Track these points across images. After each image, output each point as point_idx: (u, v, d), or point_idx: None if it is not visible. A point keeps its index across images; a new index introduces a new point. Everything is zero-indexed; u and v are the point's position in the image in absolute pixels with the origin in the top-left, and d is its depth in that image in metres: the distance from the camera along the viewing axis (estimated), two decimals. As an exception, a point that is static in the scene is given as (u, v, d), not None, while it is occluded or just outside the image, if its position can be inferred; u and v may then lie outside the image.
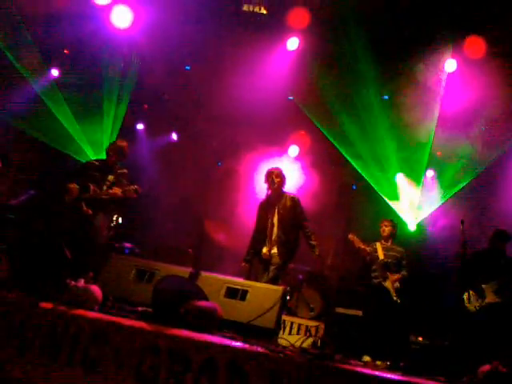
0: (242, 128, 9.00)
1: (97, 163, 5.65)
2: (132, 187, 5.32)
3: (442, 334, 6.19)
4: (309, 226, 5.70)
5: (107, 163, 5.62)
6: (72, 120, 8.98)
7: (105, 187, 5.41)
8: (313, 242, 5.61)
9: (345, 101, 8.20)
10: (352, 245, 6.24)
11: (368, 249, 6.15)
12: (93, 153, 9.19)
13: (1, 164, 6.72)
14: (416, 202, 8.83)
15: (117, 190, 5.30)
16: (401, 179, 8.84)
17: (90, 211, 5.29)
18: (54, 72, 8.71)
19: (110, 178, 5.49)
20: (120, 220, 5.72)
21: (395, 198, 8.92)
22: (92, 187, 5.37)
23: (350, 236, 6.22)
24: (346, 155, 8.82)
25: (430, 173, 8.95)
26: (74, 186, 5.28)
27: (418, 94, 7.68)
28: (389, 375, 2.74)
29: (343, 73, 7.89)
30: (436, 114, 7.74)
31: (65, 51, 8.39)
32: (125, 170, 5.66)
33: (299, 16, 7.25)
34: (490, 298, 5.74)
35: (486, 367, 3.50)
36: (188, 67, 8.76)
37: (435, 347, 5.87)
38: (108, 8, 7.39)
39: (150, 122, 9.93)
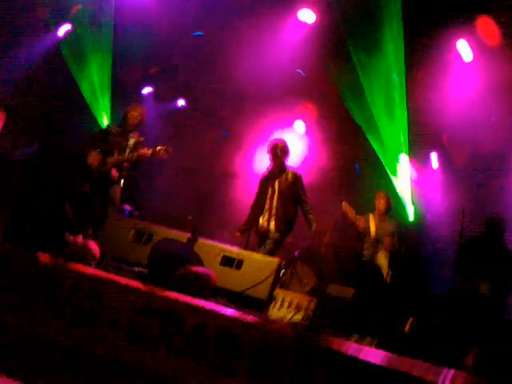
0: (249, 99, 8.92)
1: (116, 129, 5.68)
2: (162, 147, 5.33)
3: (434, 316, 6.25)
4: (307, 202, 5.70)
5: (127, 128, 5.63)
6: (80, 77, 8.93)
7: (128, 151, 5.45)
8: (310, 218, 5.63)
9: (354, 79, 8.10)
10: (345, 214, 6.18)
11: (360, 220, 6.09)
12: (98, 116, 9.17)
13: (5, 115, 6.71)
14: (416, 188, 8.77)
15: (145, 151, 5.33)
16: (404, 160, 8.76)
17: (117, 175, 5.37)
18: (63, 29, 8.59)
19: (131, 142, 5.54)
20: (122, 182, 5.74)
21: (398, 180, 8.87)
22: (116, 152, 5.42)
23: (344, 204, 6.15)
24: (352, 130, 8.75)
25: (433, 156, 8.85)
26: (96, 155, 5.34)
27: (429, 74, 7.57)
28: (375, 353, 2.78)
29: (354, 50, 7.77)
30: (446, 96, 7.62)
31: (74, 8, 8.26)
32: (142, 138, 5.68)
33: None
34: (484, 291, 5.77)
35: (475, 350, 3.55)
36: (199, 33, 8.63)
37: (426, 329, 5.94)
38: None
39: (157, 87, 9.85)
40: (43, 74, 8.36)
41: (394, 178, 8.77)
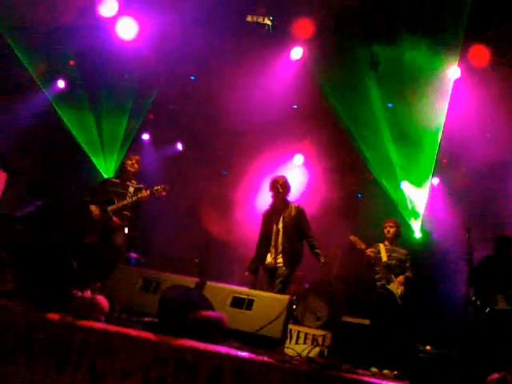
0: (247, 137, 9.03)
1: (114, 179, 5.83)
2: (160, 186, 5.44)
3: (450, 342, 6.15)
4: (313, 236, 5.71)
5: (125, 177, 5.76)
6: (79, 131, 9.07)
7: (128, 198, 5.53)
8: (317, 251, 5.62)
9: (350, 109, 8.22)
10: (354, 247, 6.18)
11: (370, 250, 6.07)
12: (102, 164, 9.28)
13: (6, 174, 6.79)
14: (421, 210, 8.82)
15: (144, 193, 5.43)
16: (406, 187, 8.84)
17: (119, 221, 5.43)
18: (61, 83, 8.78)
19: (131, 189, 5.65)
20: (126, 230, 5.78)
21: (401, 205, 8.91)
22: (116, 200, 5.50)
23: (352, 238, 6.15)
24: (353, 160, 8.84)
25: (435, 180, 8.97)
26: (94, 209, 5.43)
27: (423, 101, 7.69)
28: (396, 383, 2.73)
29: (348, 81, 7.92)
30: (442, 121, 7.73)
31: (71, 62, 8.45)
32: (141, 185, 5.80)
33: (304, 26, 7.29)
34: (501, 304, 5.70)
35: (495, 376, 3.47)
36: (193, 78, 8.81)
37: (443, 356, 5.83)
38: (113, 20, 7.46)
39: (155, 133, 9.99)
40: (42, 131, 8.50)
41: (396, 202, 8.81)
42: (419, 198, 8.83)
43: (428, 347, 6.21)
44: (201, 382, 2.68)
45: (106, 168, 9.30)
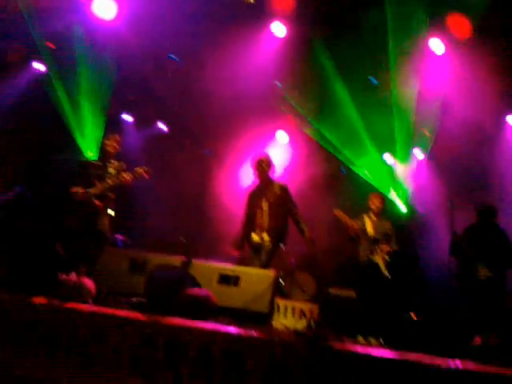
0: (229, 115, 8.97)
1: (94, 162, 5.72)
2: (141, 168, 5.38)
3: (435, 310, 6.28)
4: (298, 213, 5.75)
5: (105, 158, 5.67)
6: (61, 113, 8.94)
7: (109, 180, 5.46)
8: (302, 227, 5.67)
9: (331, 86, 8.20)
10: (339, 221, 6.20)
11: (356, 224, 6.11)
12: (84, 148, 9.17)
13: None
14: (406, 183, 8.90)
15: (126, 175, 5.35)
16: (389, 160, 8.89)
17: (102, 205, 5.37)
18: (39, 65, 8.60)
19: (111, 171, 5.56)
20: (112, 213, 5.73)
21: (386, 179, 8.98)
22: (97, 183, 5.42)
23: (336, 212, 6.15)
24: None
25: (418, 152, 9.02)
26: (77, 190, 5.35)
27: (404, 74, 7.69)
28: (382, 352, 2.79)
29: (329, 57, 7.87)
30: (422, 93, 7.74)
31: (48, 45, 8.27)
32: (122, 164, 5.70)
33: (284, 2, 7.21)
34: (483, 272, 5.82)
35: (478, 339, 3.57)
36: (173, 56, 8.68)
37: (428, 323, 5.96)
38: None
39: (136, 113, 9.87)
40: (21, 115, 8.35)
41: (379, 177, 8.88)
42: (403, 171, 8.90)
43: (413, 315, 6.34)
44: (191, 359, 2.71)
45: (89, 150, 9.19)
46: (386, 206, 6.49)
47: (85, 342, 2.81)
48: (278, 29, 7.69)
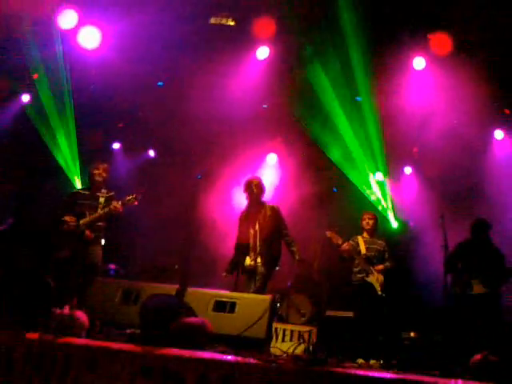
0: (219, 139, 9.01)
1: (83, 191, 5.69)
2: (131, 195, 5.36)
3: (433, 328, 6.25)
4: (289, 234, 5.74)
5: (94, 188, 5.64)
6: (50, 144, 8.93)
7: (99, 210, 5.42)
8: (293, 249, 5.66)
9: (317, 105, 8.28)
10: (331, 242, 6.18)
11: (348, 245, 6.08)
12: (72, 178, 9.15)
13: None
14: (396, 199, 8.96)
15: (116, 204, 5.32)
16: (379, 178, 8.96)
17: (92, 236, 5.32)
18: (25, 97, 8.62)
19: (101, 200, 5.53)
20: (103, 241, 5.68)
21: (376, 196, 9.03)
22: (87, 213, 5.39)
23: (328, 233, 6.13)
24: (324, 157, 8.94)
25: (407, 169, 9.13)
26: (70, 218, 5.32)
27: (389, 92, 7.80)
28: (383, 374, 2.75)
29: (313, 78, 7.98)
30: (409, 111, 7.84)
31: (34, 76, 8.29)
32: (112, 193, 5.68)
33: (265, 25, 7.31)
34: (477, 289, 5.81)
35: (477, 357, 3.54)
36: (160, 83, 8.74)
37: (427, 342, 5.92)
38: (74, 30, 7.34)
39: (125, 141, 9.89)
40: (11, 145, 8.33)
41: (371, 195, 8.93)
42: (392, 188, 8.97)
43: (412, 334, 6.30)
44: (189, 390, 2.65)
45: (78, 179, 9.16)
46: (379, 224, 6.52)
47: (79, 374, 2.75)
48: (262, 51, 7.79)
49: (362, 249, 6.12)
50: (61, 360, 2.82)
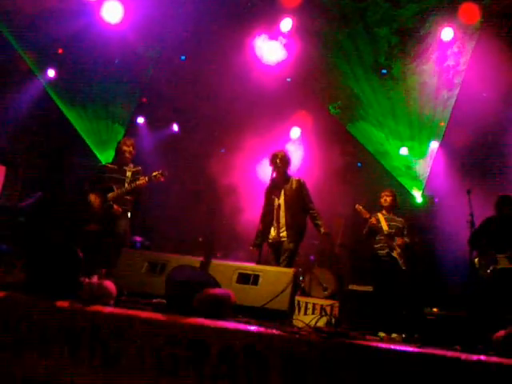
0: (243, 113, 8.98)
1: (111, 165, 5.76)
2: (158, 171, 5.44)
3: (456, 303, 6.22)
4: (314, 208, 5.72)
5: (121, 162, 5.72)
6: (75, 119, 9.04)
7: (126, 184, 5.52)
8: (318, 222, 5.65)
9: (344, 78, 8.16)
10: (359, 217, 6.30)
11: (374, 219, 6.21)
12: (98, 152, 9.27)
13: (5, 168, 6.78)
14: (421, 174, 8.85)
15: (142, 180, 5.41)
16: (405, 152, 8.84)
17: (120, 209, 5.43)
18: (51, 72, 8.71)
19: (128, 174, 5.62)
20: (129, 215, 5.79)
21: (401, 171, 8.93)
22: (115, 187, 5.49)
23: (357, 207, 6.29)
24: (349, 132, 8.85)
25: (434, 144, 8.96)
26: (94, 197, 5.41)
27: (417, 65, 7.62)
28: (405, 348, 2.77)
29: (340, 50, 7.84)
30: (436, 84, 7.67)
31: (59, 51, 8.35)
32: (139, 167, 5.76)
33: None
34: (503, 263, 5.75)
35: (501, 333, 3.52)
36: (183, 57, 8.71)
37: (450, 317, 5.90)
38: (98, 4, 7.35)
39: (150, 116, 9.94)
40: (37, 121, 8.46)
41: (395, 170, 8.83)
42: (419, 163, 8.85)
43: (435, 309, 6.29)
44: (213, 359, 2.71)
45: (104, 154, 9.29)
46: (398, 202, 6.54)
47: (107, 342, 2.84)
48: (285, 23, 7.67)
49: (384, 225, 6.22)
50: (89, 328, 2.90)
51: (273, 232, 5.61)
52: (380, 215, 6.31)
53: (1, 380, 2.83)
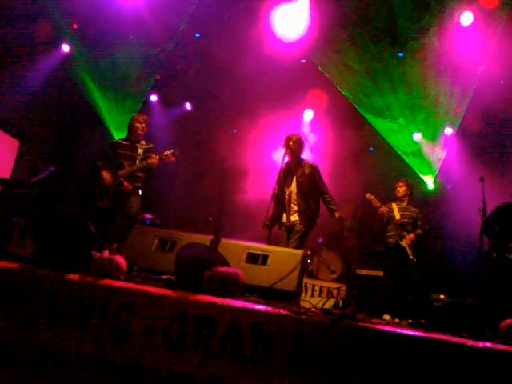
0: (256, 94, 8.92)
1: (123, 142, 5.76)
2: (169, 151, 5.44)
3: (465, 291, 6.21)
4: (327, 192, 5.71)
5: (133, 139, 5.72)
6: (89, 95, 9.04)
7: (137, 162, 5.53)
8: (332, 207, 5.63)
9: (360, 61, 8.05)
10: (370, 204, 6.37)
11: (384, 209, 6.26)
12: (113, 129, 9.28)
13: (19, 142, 6.82)
14: (435, 160, 8.77)
15: (153, 159, 5.42)
16: (418, 138, 8.76)
17: (131, 186, 5.45)
18: (65, 47, 8.69)
19: (140, 151, 5.62)
20: (140, 192, 5.82)
21: (413, 157, 8.85)
22: (126, 164, 5.50)
23: (368, 195, 6.40)
24: (362, 115, 8.75)
25: (448, 130, 8.86)
26: (106, 174, 5.43)
27: (434, 50, 7.50)
28: (411, 332, 2.78)
29: (357, 32, 7.72)
30: (452, 69, 7.54)
31: (74, 26, 8.32)
32: (151, 145, 5.76)
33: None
34: None
35: (508, 321, 3.52)
36: (198, 35, 8.65)
37: (457, 304, 5.89)
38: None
39: (163, 94, 9.91)
40: (51, 96, 8.47)
41: (408, 155, 8.76)
42: (432, 149, 8.77)
43: (442, 296, 6.28)
44: (219, 336, 2.75)
45: (118, 130, 9.30)
46: (413, 192, 6.54)
47: (117, 315, 2.88)
48: (302, 2, 7.58)
49: (397, 215, 6.31)
50: (100, 301, 2.95)
51: (285, 215, 5.62)
52: (394, 205, 6.44)
53: (20, 345, 2.89)
